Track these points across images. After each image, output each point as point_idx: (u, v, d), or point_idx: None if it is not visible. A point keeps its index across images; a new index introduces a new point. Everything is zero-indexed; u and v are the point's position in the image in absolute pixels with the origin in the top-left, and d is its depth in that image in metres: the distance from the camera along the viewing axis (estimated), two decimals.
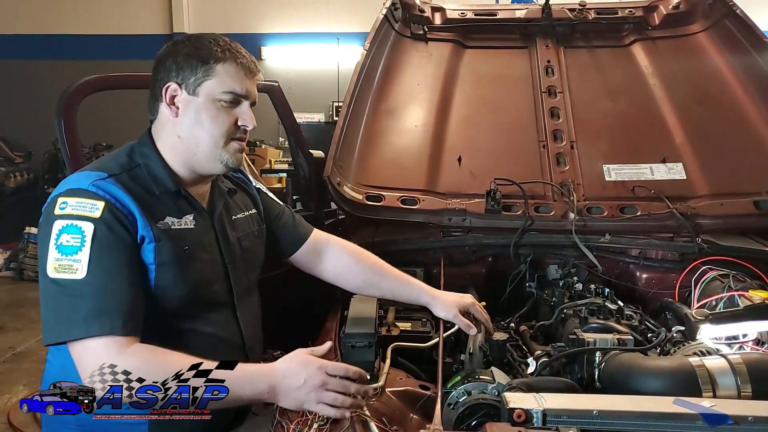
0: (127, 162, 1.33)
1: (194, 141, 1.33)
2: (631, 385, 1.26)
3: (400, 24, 2.67)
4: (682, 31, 2.62)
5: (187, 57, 1.31)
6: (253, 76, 1.36)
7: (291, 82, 7.58)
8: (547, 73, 2.57)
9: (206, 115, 1.31)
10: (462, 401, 1.28)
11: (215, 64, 1.31)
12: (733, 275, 1.79)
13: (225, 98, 1.32)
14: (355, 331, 1.49)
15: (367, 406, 1.31)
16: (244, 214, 1.53)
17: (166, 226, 1.29)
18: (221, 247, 1.42)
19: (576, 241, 2.04)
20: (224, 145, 1.34)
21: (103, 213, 1.20)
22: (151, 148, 1.36)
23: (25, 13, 8.51)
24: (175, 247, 1.29)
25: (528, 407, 1.04)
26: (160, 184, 1.33)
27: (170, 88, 1.32)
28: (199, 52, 1.31)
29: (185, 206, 1.36)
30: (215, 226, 1.42)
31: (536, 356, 1.52)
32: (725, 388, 1.18)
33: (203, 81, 1.31)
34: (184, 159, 1.35)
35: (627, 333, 1.50)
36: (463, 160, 2.36)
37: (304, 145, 2.48)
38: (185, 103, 1.32)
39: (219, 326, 1.39)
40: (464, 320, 1.59)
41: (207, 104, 1.31)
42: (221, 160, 1.35)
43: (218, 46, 1.32)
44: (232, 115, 1.34)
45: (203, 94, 1.31)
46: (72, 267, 1.16)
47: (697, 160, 2.27)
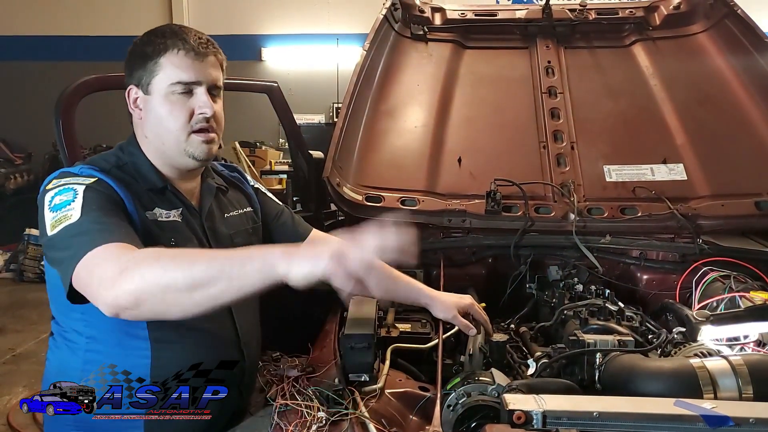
0: (116, 160, 1.35)
1: (159, 139, 1.33)
2: (632, 386, 1.25)
3: (400, 24, 2.67)
4: (683, 31, 2.61)
5: (136, 57, 1.32)
6: (204, 57, 1.30)
7: (291, 83, 7.59)
8: (547, 73, 2.57)
9: (162, 111, 1.30)
10: (461, 403, 1.27)
11: (159, 57, 1.28)
12: (734, 276, 1.78)
13: (177, 89, 1.29)
14: (355, 332, 1.48)
15: (366, 408, 1.31)
16: (237, 212, 1.53)
17: (154, 216, 1.30)
18: (210, 243, 1.40)
19: (576, 242, 2.03)
20: (186, 138, 1.32)
21: (94, 183, 1.21)
22: (136, 147, 1.37)
23: (26, 14, 8.52)
24: (161, 237, 1.29)
25: (528, 409, 1.04)
26: (147, 181, 1.34)
27: (131, 91, 1.33)
28: (145, 48, 1.30)
29: (174, 201, 1.37)
30: (203, 223, 1.41)
31: (536, 357, 1.51)
32: (726, 390, 1.17)
33: (152, 78, 1.30)
34: (161, 156, 1.36)
35: (627, 334, 1.49)
36: (463, 160, 2.35)
37: (303, 146, 2.48)
38: (144, 104, 1.33)
39: (212, 322, 1.36)
40: (463, 321, 1.58)
41: (160, 100, 1.30)
42: (188, 154, 1.33)
43: (163, 37, 1.29)
44: (188, 106, 1.30)
45: (155, 91, 1.30)
46: (67, 216, 1.15)
47: (698, 161, 2.26)
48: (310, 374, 1.45)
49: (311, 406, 1.30)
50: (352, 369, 1.43)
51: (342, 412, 1.28)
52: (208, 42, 1.33)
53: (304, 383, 1.39)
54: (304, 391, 1.35)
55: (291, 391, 1.37)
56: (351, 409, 1.29)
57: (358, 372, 1.43)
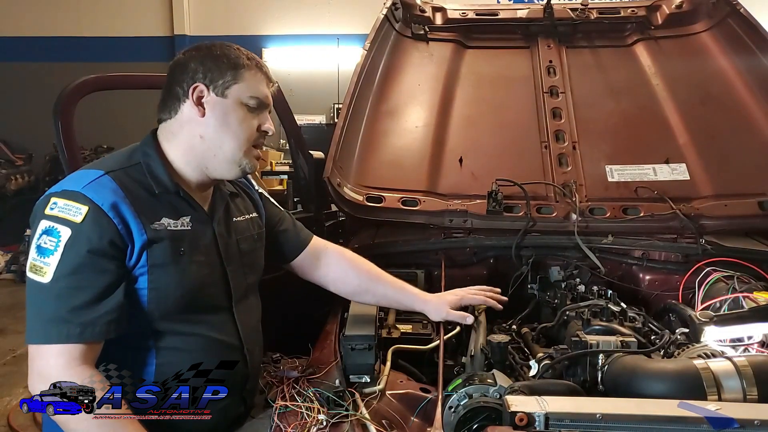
0: (127, 160, 1.33)
1: (218, 142, 1.34)
2: (635, 387, 1.24)
3: (401, 24, 2.67)
4: (686, 30, 2.61)
5: (216, 60, 1.33)
6: (273, 85, 1.41)
7: (292, 83, 7.59)
8: (549, 73, 2.56)
9: (234, 118, 1.34)
10: (463, 404, 1.26)
11: (243, 69, 1.34)
12: (738, 277, 1.77)
13: (251, 103, 1.35)
14: (355, 333, 1.48)
15: (367, 409, 1.30)
16: (244, 218, 1.53)
17: (162, 226, 1.28)
18: (220, 249, 1.41)
19: (578, 242, 2.02)
20: (247, 149, 1.36)
21: (85, 218, 1.19)
22: (154, 148, 1.36)
23: (27, 15, 8.53)
24: (170, 248, 1.28)
25: (530, 411, 1.03)
26: (159, 183, 1.32)
27: (198, 88, 1.32)
28: (228, 56, 1.34)
29: (184, 207, 1.35)
30: (214, 228, 1.41)
31: (538, 359, 1.49)
32: (731, 391, 1.16)
33: (232, 84, 1.33)
34: (200, 160, 1.36)
35: (630, 335, 1.48)
36: (465, 160, 2.35)
37: (303, 146, 2.47)
38: (212, 104, 1.33)
39: (216, 329, 1.37)
40: (456, 313, 1.63)
41: (235, 107, 1.34)
42: (240, 164, 1.37)
43: (243, 53, 1.37)
44: (256, 121, 1.37)
45: (232, 96, 1.33)
46: (42, 270, 1.18)
47: (701, 161, 2.25)
48: (311, 375, 1.45)
49: (311, 407, 1.30)
50: (352, 370, 1.43)
51: (342, 414, 1.28)
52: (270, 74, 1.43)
53: (305, 384, 1.40)
54: (304, 393, 1.35)
55: (291, 393, 1.37)
56: (351, 410, 1.29)
57: (358, 373, 1.43)
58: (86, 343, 1.18)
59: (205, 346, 1.34)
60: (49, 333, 1.17)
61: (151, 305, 1.26)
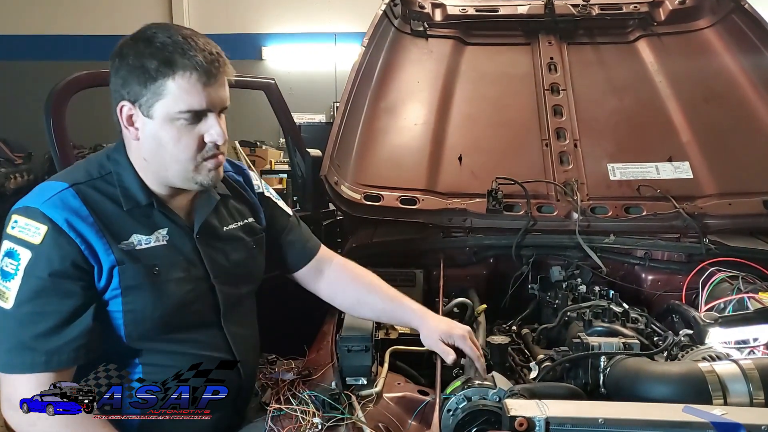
0: (98, 169, 1.23)
1: (162, 165, 1.21)
2: (638, 391, 1.22)
3: (400, 20, 2.64)
4: (689, 26, 2.58)
5: (133, 70, 1.14)
6: (216, 79, 1.16)
7: (292, 82, 7.58)
8: (550, 70, 2.54)
9: (168, 138, 1.17)
10: (462, 407, 1.24)
11: (164, 79, 1.13)
12: (743, 277, 1.75)
13: (184, 117, 1.15)
14: (352, 335, 1.46)
15: (363, 413, 1.28)
16: (237, 224, 1.40)
17: (130, 246, 1.19)
18: (205, 262, 1.30)
19: (580, 241, 2.00)
20: (195, 167, 1.20)
21: (44, 239, 1.12)
22: (124, 155, 1.24)
23: (26, 13, 8.52)
24: (143, 268, 1.19)
25: (530, 415, 1.01)
26: (129, 198, 1.22)
27: (125, 108, 1.18)
28: (147, 64, 1.13)
29: (160, 219, 1.25)
30: (197, 240, 1.30)
31: (539, 361, 1.48)
32: (737, 395, 1.14)
33: (155, 102, 1.14)
34: (157, 178, 1.24)
35: (633, 337, 1.46)
36: (464, 159, 2.32)
37: (301, 144, 2.45)
38: (143, 125, 1.18)
39: (203, 346, 1.30)
40: (442, 347, 1.40)
41: (165, 125, 1.16)
42: (195, 181, 1.22)
43: (168, 52, 1.13)
44: (196, 133, 1.18)
45: (158, 115, 1.15)
46: (4, 294, 1.12)
47: (705, 159, 2.23)
48: (306, 377, 1.43)
49: (306, 411, 1.28)
50: (349, 372, 1.42)
51: (338, 418, 1.25)
52: (219, 58, 1.17)
53: (300, 387, 1.38)
54: (299, 395, 1.33)
55: (286, 395, 1.35)
56: (347, 414, 1.27)
57: (355, 375, 1.42)
58: (55, 372, 1.12)
59: (191, 362, 1.26)
60: (13, 362, 1.11)
61: (128, 328, 1.20)
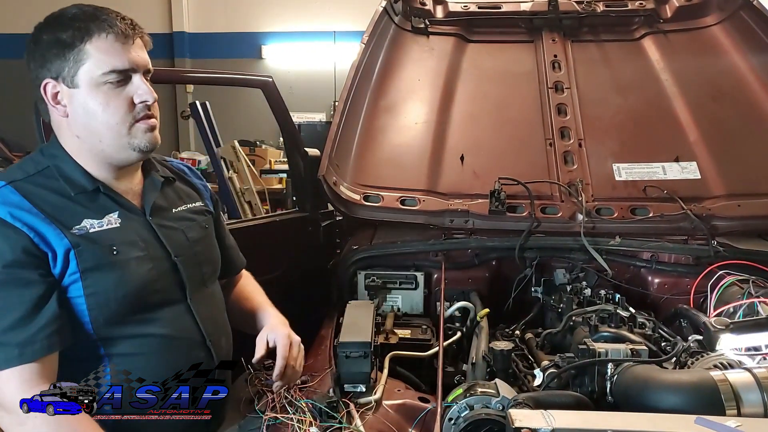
0: (33, 166, 1.22)
1: (95, 137, 1.21)
2: (647, 400, 1.18)
3: (401, 17, 2.61)
4: (696, 23, 2.55)
5: (51, 46, 1.17)
6: (134, 40, 1.20)
7: (291, 81, 7.55)
8: (553, 68, 2.51)
9: (96, 105, 1.18)
10: (464, 416, 1.22)
11: (83, 44, 1.16)
12: (753, 280, 1.70)
13: (109, 79, 1.17)
14: (350, 341, 1.43)
15: (362, 421, 1.25)
16: (186, 206, 1.41)
17: (83, 230, 1.18)
18: (163, 241, 1.30)
19: (585, 243, 1.96)
20: (128, 130, 1.21)
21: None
22: (59, 148, 1.24)
23: (25, 12, 8.50)
24: (100, 250, 1.19)
25: (535, 426, 0.98)
26: (75, 185, 1.22)
27: (48, 86, 1.18)
28: (61, 35, 1.16)
29: (108, 204, 1.25)
30: (150, 221, 1.31)
31: (543, 367, 1.45)
32: (751, 405, 1.10)
33: (77, 68, 1.16)
34: (95, 156, 1.23)
35: (640, 343, 1.42)
36: (466, 158, 2.29)
37: (299, 143, 2.41)
38: (69, 98, 1.19)
39: (171, 325, 1.28)
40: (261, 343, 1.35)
41: (91, 92, 1.17)
42: (132, 147, 1.22)
43: (79, 21, 1.17)
44: (125, 95, 1.19)
45: (83, 82, 1.17)
46: None
47: (712, 159, 2.20)
48: (303, 384, 1.39)
49: (302, 419, 1.26)
50: (347, 379, 1.40)
51: (335, 427, 1.23)
52: (133, 23, 1.22)
53: (296, 394, 1.35)
54: (295, 403, 1.32)
55: (282, 403, 1.33)
56: (345, 423, 1.25)
57: (353, 382, 1.40)
58: (33, 362, 1.10)
59: (161, 345, 1.25)
60: None
61: (93, 312, 1.18)
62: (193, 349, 1.31)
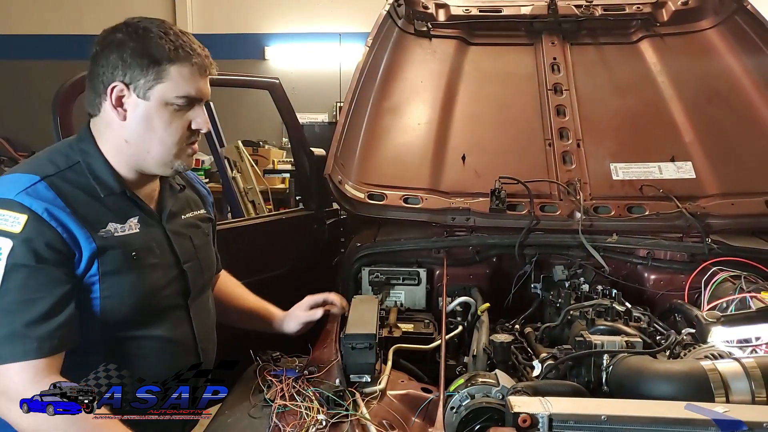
0: (64, 160, 1.24)
1: (144, 147, 1.25)
2: (641, 389, 1.22)
3: (404, 20, 2.64)
4: (692, 27, 2.57)
5: (136, 55, 1.20)
6: (208, 73, 1.28)
7: (294, 82, 7.55)
8: (553, 70, 2.54)
9: (159, 121, 1.23)
10: (465, 405, 1.25)
11: (168, 65, 1.21)
12: (745, 276, 1.74)
13: (179, 103, 1.24)
14: (356, 333, 1.46)
15: (367, 409, 1.28)
16: (193, 213, 1.47)
17: (109, 233, 1.22)
18: (175, 248, 1.35)
19: (583, 241, 1.99)
20: (177, 151, 1.27)
21: (25, 227, 1.12)
22: (92, 144, 1.26)
23: (29, 13, 8.54)
24: (121, 254, 1.22)
25: (533, 412, 1.01)
26: (104, 186, 1.24)
27: (116, 88, 1.21)
28: (150, 50, 1.20)
29: (130, 208, 1.29)
30: (165, 227, 1.35)
31: (542, 359, 1.48)
32: (739, 393, 1.14)
33: (155, 84, 1.21)
34: (131, 163, 1.28)
35: (635, 335, 1.46)
36: (468, 158, 2.32)
37: (305, 143, 2.46)
38: (134, 107, 1.22)
39: (170, 329, 1.33)
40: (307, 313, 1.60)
41: (159, 109, 1.23)
42: (173, 165, 1.29)
43: (170, 42, 1.21)
44: (186, 119, 1.26)
45: (155, 98, 1.22)
46: None
47: (707, 159, 2.23)
48: (310, 375, 1.43)
49: (311, 407, 1.28)
50: (353, 370, 1.42)
51: (342, 414, 1.26)
52: (209, 57, 1.29)
53: (304, 384, 1.38)
54: (303, 392, 1.33)
55: (290, 392, 1.35)
56: (351, 410, 1.27)
57: (359, 373, 1.42)
58: (47, 357, 1.13)
59: (157, 348, 1.29)
60: (4, 352, 1.11)
61: (104, 315, 1.21)
62: (186, 354, 1.35)
